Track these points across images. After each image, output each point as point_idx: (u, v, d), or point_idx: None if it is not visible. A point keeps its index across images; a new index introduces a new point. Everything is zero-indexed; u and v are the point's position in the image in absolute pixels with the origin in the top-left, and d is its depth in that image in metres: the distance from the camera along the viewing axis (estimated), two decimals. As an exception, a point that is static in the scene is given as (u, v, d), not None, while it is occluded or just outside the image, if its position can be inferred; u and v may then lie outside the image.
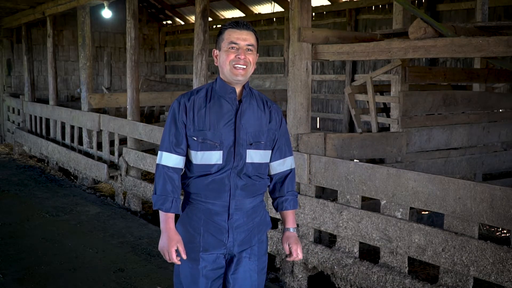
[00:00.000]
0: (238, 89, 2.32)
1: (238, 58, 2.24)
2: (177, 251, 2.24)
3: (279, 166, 2.46)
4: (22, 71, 12.60)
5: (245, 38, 2.26)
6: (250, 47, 2.26)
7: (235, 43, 2.24)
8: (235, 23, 2.29)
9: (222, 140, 2.26)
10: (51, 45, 9.97)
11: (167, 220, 2.28)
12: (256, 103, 2.35)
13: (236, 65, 2.24)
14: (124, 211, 6.55)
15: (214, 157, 2.26)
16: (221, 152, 2.26)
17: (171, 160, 2.30)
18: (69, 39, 13.85)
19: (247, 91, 2.34)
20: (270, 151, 2.41)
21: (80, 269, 4.54)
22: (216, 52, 2.33)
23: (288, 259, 2.44)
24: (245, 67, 2.25)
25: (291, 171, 2.49)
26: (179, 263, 2.27)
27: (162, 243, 2.26)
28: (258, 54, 2.34)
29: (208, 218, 2.31)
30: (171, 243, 2.23)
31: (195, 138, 2.27)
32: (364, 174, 3.79)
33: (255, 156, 2.32)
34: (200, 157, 2.27)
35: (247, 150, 2.29)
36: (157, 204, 2.29)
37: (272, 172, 2.47)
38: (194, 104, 2.30)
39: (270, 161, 2.44)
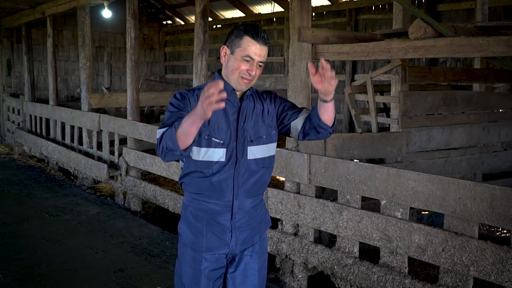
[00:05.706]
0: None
1: (249, 72, 2.22)
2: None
3: (301, 120, 2.35)
4: (22, 71, 12.58)
5: (260, 54, 2.22)
6: (261, 63, 2.25)
7: (250, 58, 2.21)
8: (255, 33, 2.21)
9: (225, 137, 2.26)
10: (51, 45, 9.96)
11: (185, 119, 2.03)
12: (254, 99, 2.35)
13: (244, 76, 2.23)
14: (124, 211, 6.55)
15: (217, 155, 2.25)
16: (224, 149, 2.25)
17: None
18: (69, 39, 13.83)
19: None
20: (275, 143, 2.40)
21: (80, 269, 4.54)
22: (226, 50, 2.27)
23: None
24: (251, 79, 2.25)
25: None
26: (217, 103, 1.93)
27: (199, 113, 1.97)
28: None
29: (211, 218, 2.31)
30: (199, 106, 1.97)
31: (201, 134, 2.23)
32: (364, 174, 3.79)
33: (257, 152, 2.32)
34: (204, 154, 2.25)
35: (248, 147, 2.29)
36: (171, 134, 2.06)
37: (299, 127, 2.36)
38: (198, 100, 2.20)
39: (290, 121, 2.36)
